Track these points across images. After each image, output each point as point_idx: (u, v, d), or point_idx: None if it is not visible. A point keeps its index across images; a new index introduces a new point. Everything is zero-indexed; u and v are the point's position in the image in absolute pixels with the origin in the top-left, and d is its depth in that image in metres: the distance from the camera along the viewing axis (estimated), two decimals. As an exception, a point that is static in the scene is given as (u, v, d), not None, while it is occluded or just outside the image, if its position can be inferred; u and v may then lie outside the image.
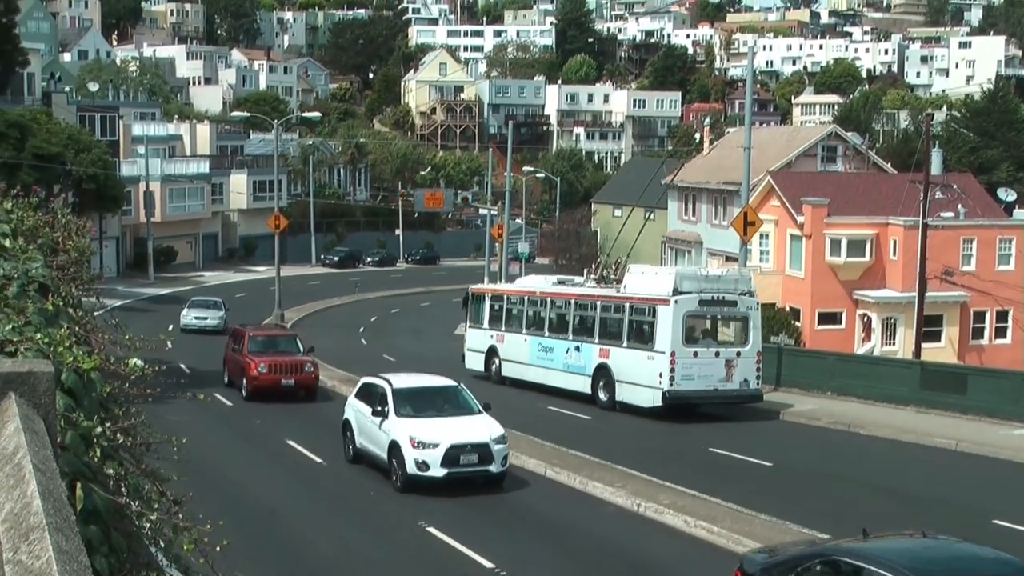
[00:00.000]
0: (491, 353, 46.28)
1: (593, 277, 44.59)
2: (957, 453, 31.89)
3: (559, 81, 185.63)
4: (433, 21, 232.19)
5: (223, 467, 27.25)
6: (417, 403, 26.40)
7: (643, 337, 37.32)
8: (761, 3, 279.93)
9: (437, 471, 24.56)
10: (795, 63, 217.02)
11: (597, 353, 39.22)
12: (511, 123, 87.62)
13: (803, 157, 68.13)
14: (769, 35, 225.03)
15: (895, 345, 55.98)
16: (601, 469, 27.04)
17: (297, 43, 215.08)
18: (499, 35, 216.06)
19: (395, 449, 25.10)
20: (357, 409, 27.68)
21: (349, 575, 19.87)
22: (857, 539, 13.89)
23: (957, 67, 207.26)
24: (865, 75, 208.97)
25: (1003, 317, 57.81)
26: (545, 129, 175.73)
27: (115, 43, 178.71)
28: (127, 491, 5.08)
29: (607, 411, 37.97)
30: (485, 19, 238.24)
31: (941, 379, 39.30)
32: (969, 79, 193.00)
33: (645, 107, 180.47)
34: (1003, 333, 58.01)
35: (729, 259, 61.27)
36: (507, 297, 46.56)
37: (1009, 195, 70.93)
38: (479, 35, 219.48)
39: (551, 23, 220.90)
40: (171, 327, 52.76)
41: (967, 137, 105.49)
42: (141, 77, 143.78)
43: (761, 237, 58.56)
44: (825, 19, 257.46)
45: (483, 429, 25.42)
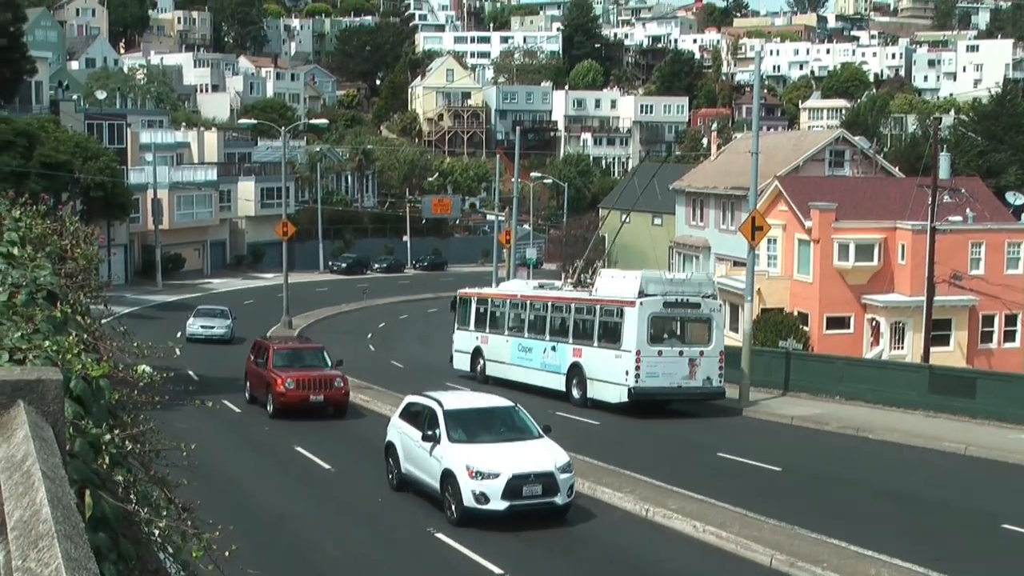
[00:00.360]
0: (476, 354, 48.18)
1: (570, 281, 47.05)
2: (966, 457, 31.84)
3: (566, 87, 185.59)
4: (440, 27, 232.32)
5: (231, 473, 27.26)
6: (471, 426, 24.03)
7: (612, 337, 39.42)
8: (768, 7, 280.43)
9: (498, 504, 22.27)
10: (802, 68, 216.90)
11: (571, 353, 41.44)
12: (518, 129, 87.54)
13: (811, 162, 68.06)
14: (776, 40, 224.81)
15: (903, 349, 55.90)
16: (609, 474, 27.03)
17: (304, 50, 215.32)
18: (506, 41, 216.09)
19: (449, 479, 22.75)
20: (403, 431, 25.27)
21: (358, 581, 19.89)
22: None
23: (965, 71, 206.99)
24: (872, 79, 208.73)
25: (1012, 321, 57.72)
26: (552, 135, 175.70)
27: (122, 51, 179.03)
28: (136, 498, 5.10)
29: (580, 407, 39.73)
30: (492, 25, 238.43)
31: (950, 383, 39.25)
32: (977, 83, 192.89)
33: (652, 112, 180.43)
34: (1012, 337, 57.90)
35: (737, 264, 61.21)
36: (491, 300, 48.49)
37: (1018, 199, 70.73)
38: (486, 41, 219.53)
39: (558, 29, 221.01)
40: (179, 334, 52.80)
41: (975, 141, 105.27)
42: (148, 85, 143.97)
43: (769, 242, 58.51)
44: (832, 23, 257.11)
45: (546, 456, 23.17)
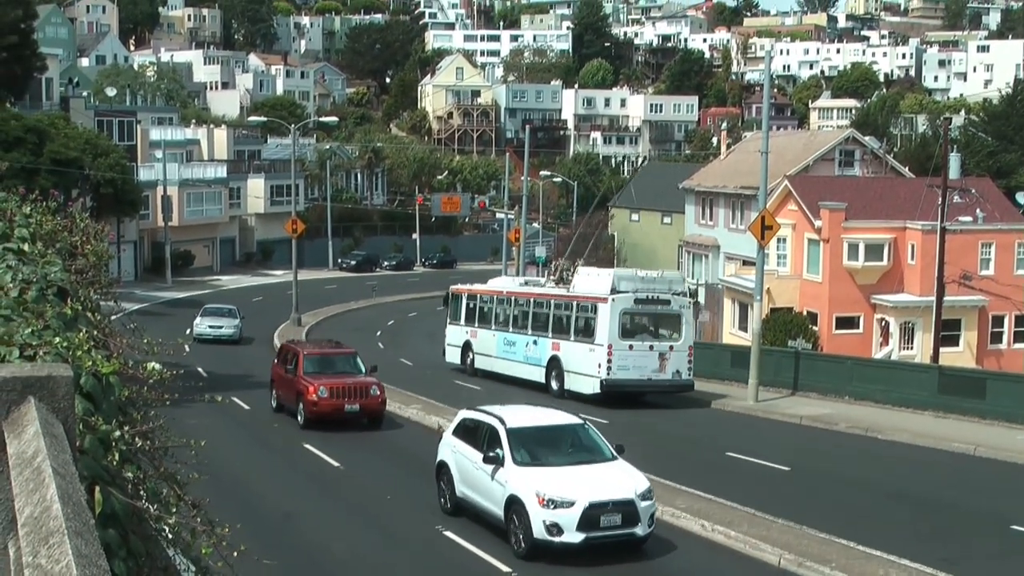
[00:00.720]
0: (466, 347, 50.28)
1: (552, 278, 48.59)
2: (975, 458, 31.77)
3: (576, 85, 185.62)
4: (450, 26, 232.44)
5: (240, 470, 27.27)
6: (538, 447, 21.77)
7: (586, 332, 41.47)
8: (778, 7, 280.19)
9: (572, 536, 19.89)
10: (812, 67, 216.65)
11: (550, 346, 43.62)
12: (528, 127, 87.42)
13: (820, 161, 67.93)
14: (786, 39, 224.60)
15: (913, 349, 55.81)
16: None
17: (314, 48, 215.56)
18: (516, 39, 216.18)
19: (516, 506, 20.36)
20: (459, 451, 22.95)
21: (366, 579, 19.88)
22: None
23: (975, 71, 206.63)
24: (882, 79, 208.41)
25: (1022, 321, 57.60)
26: (562, 133, 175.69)
27: (133, 48, 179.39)
28: (145, 494, 5.10)
29: (558, 398, 40.93)
30: (502, 23, 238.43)
31: (959, 384, 39.19)
32: (987, 83, 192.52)
33: (662, 111, 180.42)
34: (1022, 338, 57.76)
35: (747, 263, 61.14)
36: (480, 296, 50.33)
37: (1028, 199, 70.55)
38: (496, 39, 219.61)
39: (568, 27, 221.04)
40: (188, 331, 52.91)
41: (985, 141, 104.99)
42: (159, 82, 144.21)
43: (779, 241, 58.45)
44: (842, 23, 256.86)
45: (625, 481, 20.73)
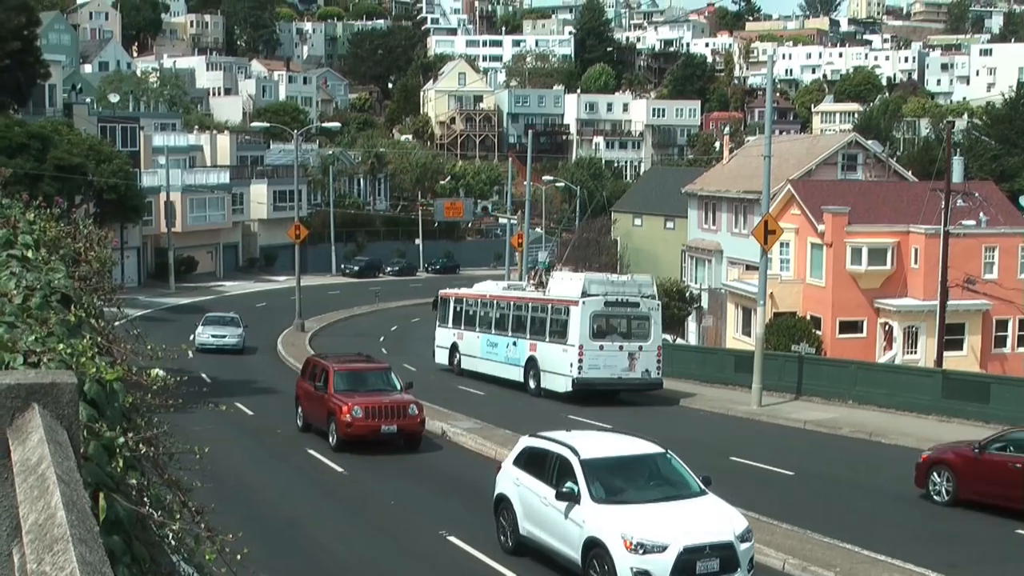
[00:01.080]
0: (453, 349, 52.31)
1: (532, 282, 50.11)
2: (980, 462, 31.68)
3: (578, 90, 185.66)
4: (452, 31, 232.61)
5: (244, 476, 27.28)
6: (618, 481, 19.37)
7: (560, 333, 43.47)
8: (780, 11, 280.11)
9: None
10: (815, 71, 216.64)
11: (528, 347, 45.63)
12: (530, 132, 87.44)
13: (823, 165, 67.94)
14: (788, 43, 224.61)
15: (917, 354, 55.78)
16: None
17: (316, 53, 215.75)
18: (518, 45, 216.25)
19: (597, 550, 18.05)
20: (523, 484, 20.49)
21: (370, 585, 19.87)
22: None
23: (978, 74, 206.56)
24: (885, 83, 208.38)
25: (1025, 325, 57.57)
26: (564, 138, 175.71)
27: (135, 54, 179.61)
28: (149, 501, 5.10)
29: (535, 397, 43.81)
30: (504, 29, 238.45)
31: (963, 388, 39.16)
32: (990, 86, 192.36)
33: (664, 116, 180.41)
34: (1025, 341, 57.76)
35: (750, 267, 61.15)
36: (466, 300, 52.30)
37: (1031, 203, 70.52)
38: (498, 45, 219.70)
39: (570, 32, 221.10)
40: (191, 337, 52.90)
41: (988, 145, 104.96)
42: (161, 88, 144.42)
43: (782, 246, 58.45)
44: (844, 27, 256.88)
45: (721, 521, 18.43)
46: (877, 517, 24.24)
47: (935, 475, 26.28)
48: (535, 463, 20.44)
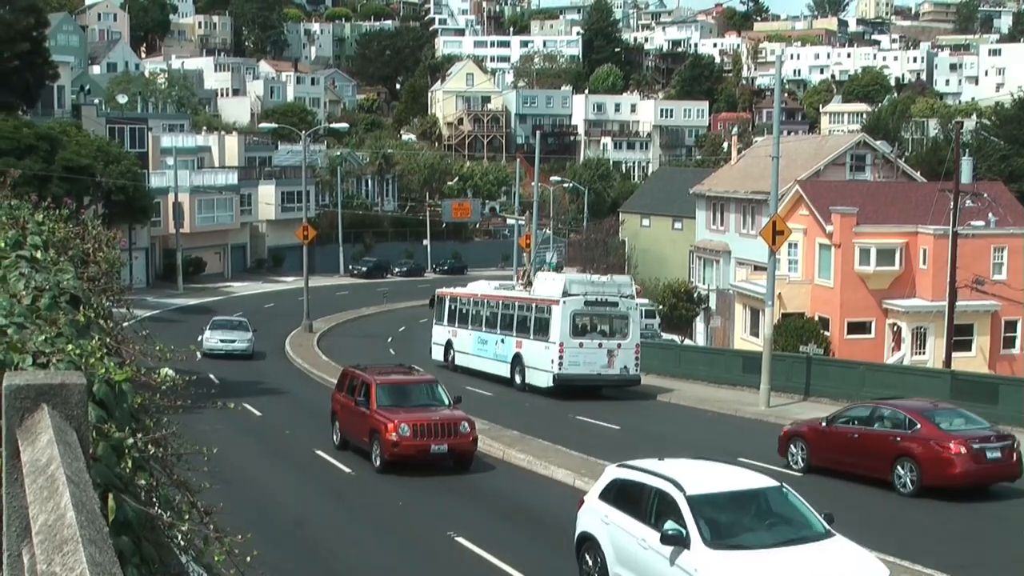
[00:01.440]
0: (448, 346, 54.30)
1: (521, 282, 51.92)
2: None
3: (586, 91, 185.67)
4: (460, 32, 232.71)
5: (252, 476, 27.29)
6: (730, 520, 16.79)
7: (543, 331, 45.15)
8: (788, 11, 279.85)
9: None
10: (823, 72, 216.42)
11: (514, 344, 47.38)
12: (538, 133, 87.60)
13: (832, 166, 67.89)
14: (797, 44, 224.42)
15: (925, 355, 55.69)
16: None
17: (324, 54, 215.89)
18: (526, 45, 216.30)
19: None
20: (614, 523, 17.71)
21: (378, 586, 19.87)
22: None
23: (987, 75, 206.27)
24: (893, 83, 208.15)
25: (1034, 326, 57.46)
26: (572, 139, 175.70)
27: (144, 55, 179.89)
28: (158, 502, 5.11)
29: (520, 392, 45.49)
30: (512, 29, 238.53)
31: (972, 389, 39.03)
32: (999, 87, 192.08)
33: (672, 117, 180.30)
34: (1034, 342, 57.66)
35: (758, 268, 61.12)
36: (459, 299, 54.24)
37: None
38: (506, 45, 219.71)
39: (578, 33, 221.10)
40: (199, 338, 52.89)
41: (997, 145, 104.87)
42: (170, 89, 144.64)
43: (790, 246, 58.40)
44: (853, 27, 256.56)
45: (858, 570, 15.75)
46: (888, 518, 24.17)
47: (792, 447, 30.14)
48: (628, 498, 17.77)
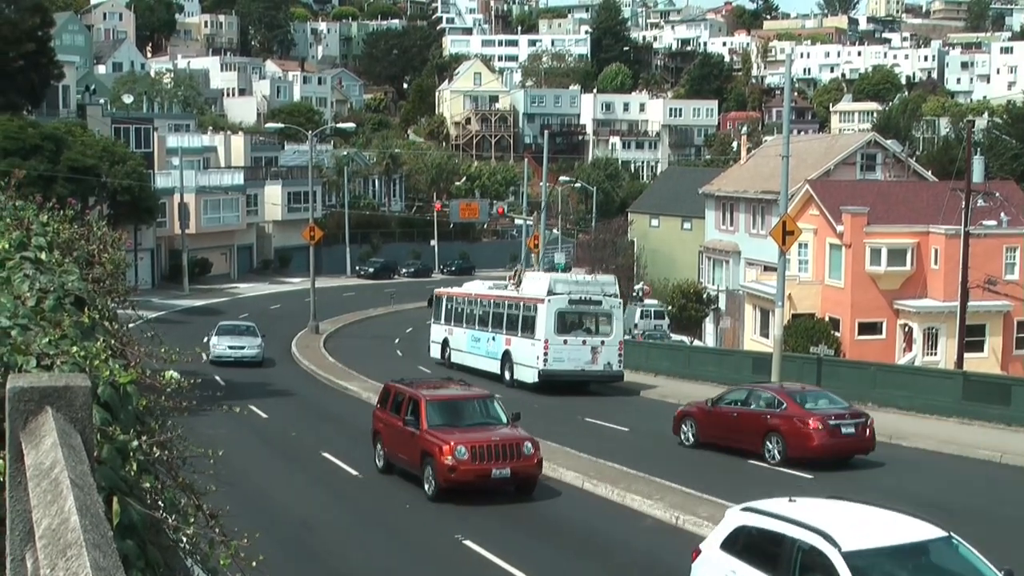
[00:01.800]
0: (445, 344, 55.97)
1: (512, 282, 52.74)
2: (1001, 465, 31.59)
3: (594, 90, 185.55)
4: (467, 31, 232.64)
5: (258, 479, 27.30)
6: None
7: (529, 329, 46.94)
8: (798, 10, 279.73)
9: None
10: (833, 70, 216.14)
11: (504, 342, 49.17)
12: (546, 133, 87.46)
13: (842, 165, 67.81)
14: (807, 42, 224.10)
15: (937, 355, 55.59)
16: (639, 481, 26.93)
17: (331, 54, 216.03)
18: (534, 44, 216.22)
19: None
20: None
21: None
22: None
23: (999, 73, 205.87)
24: (904, 82, 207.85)
25: (1047, 327, 57.34)
26: (581, 139, 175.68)
27: (149, 55, 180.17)
28: (163, 505, 5.10)
29: (509, 387, 46.26)
30: (519, 28, 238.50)
31: (984, 390, 38.96)
32: (1011, 85, 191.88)
33: (681, 116, 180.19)
34: (1047, 343, 57.54)
35: (768, 268, 61.06)
36: (455, 299, 56.11)
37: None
38: (513, 44, 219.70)
39: (586, 32, 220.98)
40: (204, 340, 52.93)
41: (1009, 144, 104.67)
42: (175, 89, 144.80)
43: (800, 246, 58.32)
44: (863, 25, 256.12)
45: None
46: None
47: (683, 425, 33.55)
48: (761, 552, 14.86)
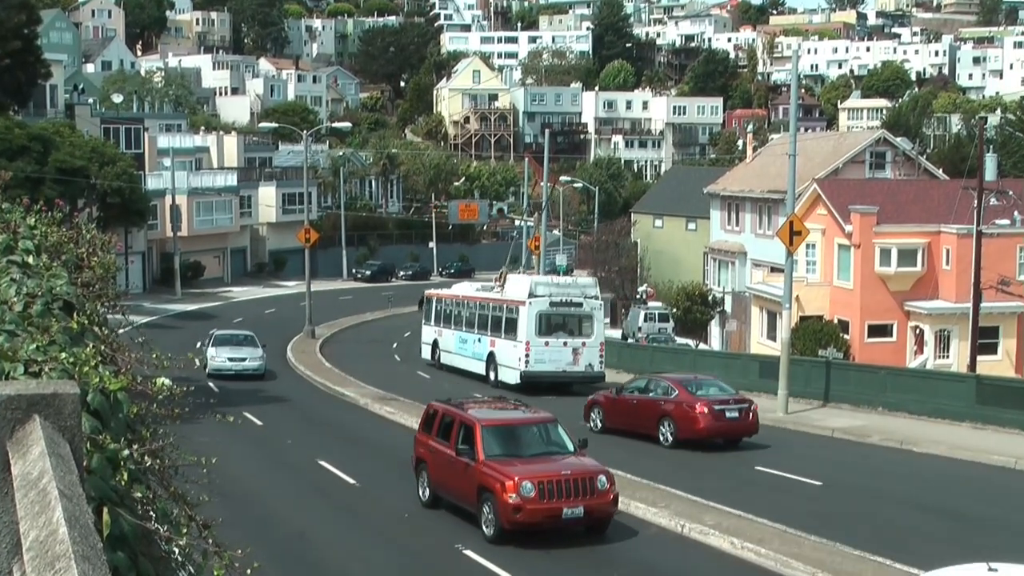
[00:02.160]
0: (435, 345, 57.47)
1: (499, 284, 54.10)
2: (1016, 472, 31.54)
3: (596, 88, 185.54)
4: (466, 27, 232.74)
5: (253, 488, 27.29)
6: None
7: (512, 330, 48.50)
8: (805, 4, 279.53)
9: None
10: (841, 66, 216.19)
11: (489, 343, 50.77)
12: (547, 132, 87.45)
13: (851, 164, 67.81)
14: (814, 38, 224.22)
15: (949, 358, 55.56)
16: (643, 488, 26.92)
17: (326, 51, 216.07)
18: (534, 41, 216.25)
19: None
20: None
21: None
22: None
23: (1011, 68, 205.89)
24: (914, 78, 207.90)
25: (1062, 328, 57.28)
26: (582, 138, 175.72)
27: (139, 53, 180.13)
28: (155, 515, 5.08)
29: (494, 388, 47.25)
30: (519, 25, 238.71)
31: (998, 393, 38.91)
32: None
33: (685, 114, 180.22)
34: (1062, 345, 57.47)
35: (775, 270, 61.05)
36: (444, 300, 57.53)
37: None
38: (513, 41, 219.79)
39: (588, 28, 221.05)
40: (199, 346, 52.90)
41: (1022, 141, 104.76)
42: (166, 88, 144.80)
43: (808, 247, 58.31)
44: (872, 20, 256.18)
45: None
46: (909, 529, 24.12)
47: (592, 412, 36.84)
48: None
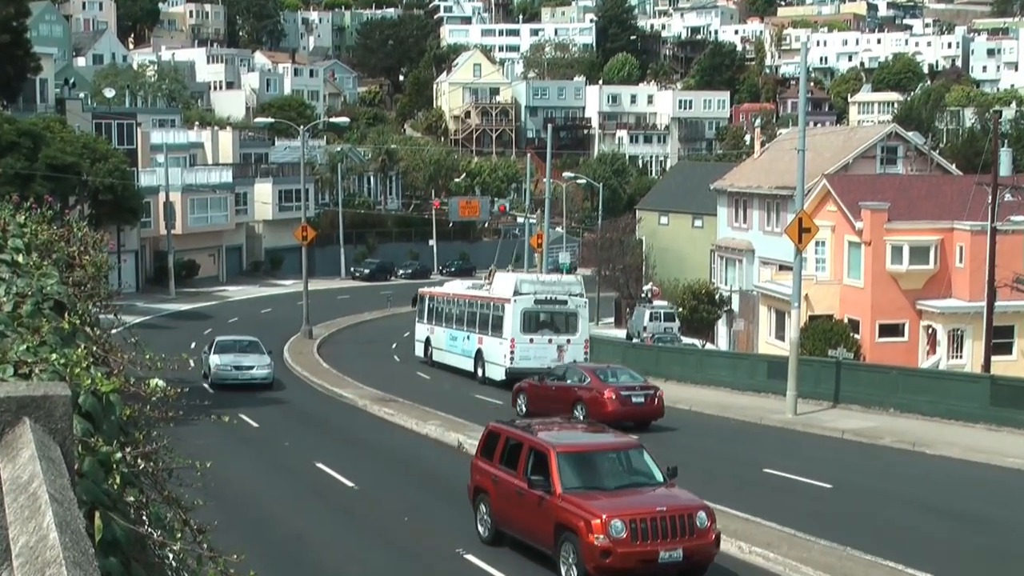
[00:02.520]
0: (427, 342, 59.43)
1: (488, 282, 55.76)
2: (1032, 474, 31.55)
3: (600, 82, 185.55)
4: (466, 20, 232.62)
5: (249, 491, 27.29)
6: None
7: (498, 327, 50.49)
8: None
9: None
10: (851, 59, 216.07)
11: (477, 340, 52.80)
12: (550, 126, 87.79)
13: (861, 159, 67.79)
14: (823, 29, 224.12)
15: (962, 358, 55.54)
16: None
17: (323, 45, 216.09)
18: (536, 34, 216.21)
19: None
20: None
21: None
22: None
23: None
24: (927, 70, 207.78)
25: (1078, 327, 57.20)
26: (586, 132, 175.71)
27: (132, 46, 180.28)
28: (148, 520, 5.08)
29: (481, 384, 50.47)
30: (521, 17, 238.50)
31: (1013, 394, 38.87)
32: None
33: (691, 108, 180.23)
34: (1078, 344, 57.40)
35: (783, 268, 61.04)
36: (437, 298, 59.38)
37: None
38: (515, 34, 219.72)
39: (591, 20, 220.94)
40: (201, 353, 52.87)
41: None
42: (159, 82, 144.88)
43: (817, 244, 58.26)
44: (883, 11, 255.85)
45: None
46: (921, 533, 24.12)
47: (519, 398, 40.80)
48: None
